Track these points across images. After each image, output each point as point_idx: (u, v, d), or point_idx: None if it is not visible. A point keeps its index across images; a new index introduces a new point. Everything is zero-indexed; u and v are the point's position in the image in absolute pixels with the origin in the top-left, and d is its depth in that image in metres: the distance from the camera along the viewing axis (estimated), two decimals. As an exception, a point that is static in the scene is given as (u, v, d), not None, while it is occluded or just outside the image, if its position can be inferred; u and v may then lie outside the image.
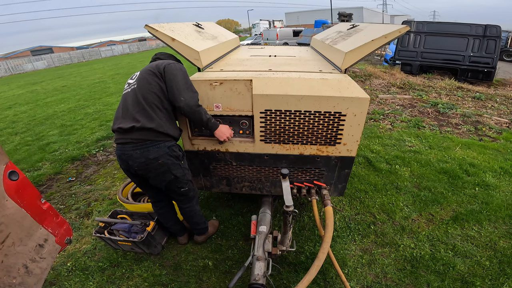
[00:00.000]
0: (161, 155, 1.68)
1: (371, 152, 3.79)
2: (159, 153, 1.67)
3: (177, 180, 1.81)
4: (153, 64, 1.74)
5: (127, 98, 1.71)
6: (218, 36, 2.91)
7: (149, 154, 1.65)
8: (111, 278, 2.05)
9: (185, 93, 1.63)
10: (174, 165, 1.75)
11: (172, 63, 1.73)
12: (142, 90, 1.66)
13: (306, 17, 49.06)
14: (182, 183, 1.85)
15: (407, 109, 5.70)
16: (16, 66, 24.56)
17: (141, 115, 1.63)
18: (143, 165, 1.68)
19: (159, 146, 1.67)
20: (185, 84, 1.67)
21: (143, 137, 1.63)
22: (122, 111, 1.70)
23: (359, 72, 8.84)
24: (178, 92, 1.63)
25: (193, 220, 2.13)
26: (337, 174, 2.02)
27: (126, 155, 1.68)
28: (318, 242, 2.29)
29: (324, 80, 1.75)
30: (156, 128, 1.63)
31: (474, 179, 3.10)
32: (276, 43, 18.87)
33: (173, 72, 1.67)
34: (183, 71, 1.71)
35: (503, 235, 2.33)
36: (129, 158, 1.68)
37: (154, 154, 1.66)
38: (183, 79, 1.67)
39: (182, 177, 1.83)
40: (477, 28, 7.91)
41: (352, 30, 2.51)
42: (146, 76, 1.69)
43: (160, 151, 1.67)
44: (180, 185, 1.85)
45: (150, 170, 1.71)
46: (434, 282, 1.92)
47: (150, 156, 1.66)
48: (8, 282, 1.23)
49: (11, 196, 1.22)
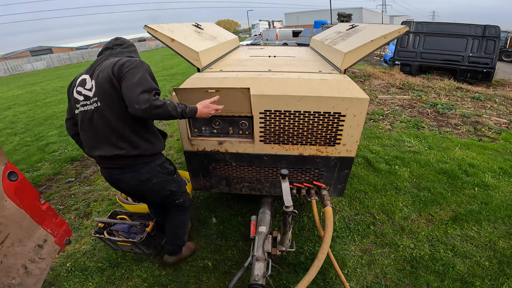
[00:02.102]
0: (154, 174, 1.59)
1: (370, 152, 3.79)
2: (152, 173, 1.58)
3: (173, 194, 1.79)
4: (113, 68, 1.38)
5: (94, 118, 1.43)
6: (217, 36, 2.91)
7: (141, 176, 1.56)
8: (110, 278, 2.04)
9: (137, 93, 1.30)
10: (168, 181, 1.71)
11: (129, 61, 1.41)
12: (113, 110, 1.40)
13: (306, 18, 49.13)
14: (177, 196, 1.83)
15: (407, 109, 5.71)
16: (16, 66, 24.51)
17: (123, 141, 1.44)
18: (136, 186, 1.60)
19: (150, 166, 1.57)
20: (139, 82, 1.33)
21: (131, 163, 1.51)
22: (94, 135, 1.46)
23: (359, 72, 8.85)
24: (129, 94, 1.32)
25: (176, 233, 2.00)
26: (337, 175, 2.02)
27: (115, 178, 1.58)
28: (317, 243, 2.29)
29: (324, 81, 1.75)
30: (143, 153, 1.50)
31: (474, 179, 3.11)
32: (275, 43, 18.88)
33: (127, 72, 1.36)
34: (138, 68, 1.38)
35: (503, 235, 2.33)
36: (119, 182, 1.58)
37: (147, 175, 1.57)
38: (138, 78, 1.35)
39: (178, 190, 1.81)
40: (476, 29, 7.93)
41: (352, 31, 2.51)
42: (109, 89, 1.37)
43: (152, 171, 1.58)
44: (175, 197, 1.83)
45: (145, 190, 1.65)
46: (434, 283, 1.92)
47: (143, 178, 1.57)
48: (7, 283, 1.23)
49: (10, 197, 1.22)
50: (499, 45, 7.89)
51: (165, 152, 4.04)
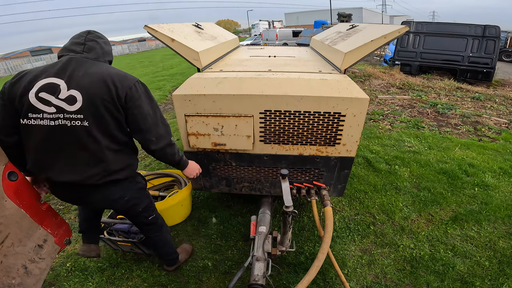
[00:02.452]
0: (126, 192, 1.46)
1: (370, 152, 3.79)
2: (124, 190, 1.45)
3: (145, 210, 1.64)
4: (106, 86, 1.20)
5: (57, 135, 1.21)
6: (217, 36, 2.91)
7: (112, 195, 1.42)
8: (110, 278, 2.04)
9: (156, 130, 1.32)
10: (141, 198, 1.58)
11: (135, 84, 1.27)
12: (98, 134, 1.23)
13: (306, 18, 49.13)
14: (150, 211, 1.68)
15: (407, 109, 5.71)
16: (16, 66, 24.51)
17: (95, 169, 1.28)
18: (106, 206, 1.53)
19: (122, 184, 1.42)
20: (155, 117, 1.32)
21: (103, 181, 1.32)
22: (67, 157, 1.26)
23: (359, 72, 8.85)
24: (146, 130, 1.30)
25: (164, 251, 1.91)
26: (337, 175, 2.02)
27: (82, 200, 1.44)
28: (317, 243, 2.29)
29: (324, 81, 1.75)
30: (118, 171, 1.36)
31: (474, 179, 3.11)
32: (275, 43, 18.87)
33: (138, 101, 1.27)
34: (149, 96, 1.33)
35: (503, 235, 2.33)
36: (85, 202, 1.47)
37: (119, 194, 1.44)
38: (152, 110, 1.31)
39: (150, 204, 1.67)
40: (476, 29, 7.93)
41: (352, 31, 2.51)
42: (101, 109, 1.20)
43: (124, 188, 1.44)
44: (148, 213, 1.67)
45: (116, 208, 1.57)
46: (434, 283, 1.92)
47: (114, 197, 1.43)
48: (7, 283, 1.23)
49: (10, 197, 1.22)
50: (499, 45, 7.90)
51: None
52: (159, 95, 7.77)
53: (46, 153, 1.25)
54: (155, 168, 3.57)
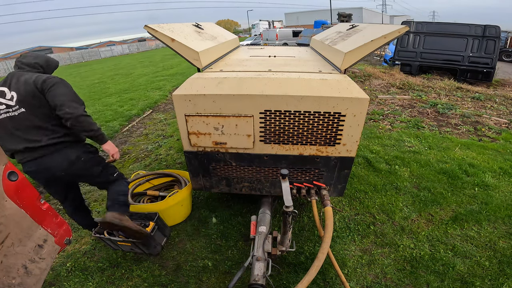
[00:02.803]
0: (81, 153, 1.76)
1: (370, 152, 3.79)
2: (77, 152, 1.74)
3: (106, 168, 1.91)
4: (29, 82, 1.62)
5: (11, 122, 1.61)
6: (217, 36, 2.91)
7: (69, 155, 1.70)
8: (110, 278, 2.04)
9: (69, 104, 1.61)
10: (96, 158, 1.86)
11: (49, 78, 1.66)
12: (36, 115, 1.62)
13: (306, 18, 49.14)
14: (111, 169, 1.96)
15: (407, 109, 5.71)
16: (16, 66, 24.52)
17: (44, 135, 1.63)
18: (67, 169, 1.71)
19: (73, 148, 1.74)
20: (68, 95, 1.64)
21: (54, 142, 1.66)
22: (16, 135, 1.62)
23: (359, 72, 8.85)
24: (61, 105, 1.59)
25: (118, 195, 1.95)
26: (337, 175, 2.02)
27: (44, 166, 1.67)
28: (317, 243, 2.29)
29: (324, 81, 1.75)
30: (63, 138, 1.68)
31: (474, 179, 3.11)
32: (275, 43, 18.87)
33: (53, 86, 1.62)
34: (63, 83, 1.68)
35: (503, 235, 2.33)
36: (49, 168, 1.68)
37: (74, 154, 1.72)
38: (65, 91, 1.65)
39: (109, 165, 1.94)
40: (476, 29, 7.93)
41: (352, 31, 2.51)
42: (31, 99, 1.61)
43: (77, 150, 1.75)
44: (111, 171, 1.95)
45: (77, 171, 1.77)
46: (434, 282, 1.92)
47: (71, 158, 1.71)
48: (7, 283, 1.23)
49: (10, 197, 1.22)
50: (499, 45, 7.89)
51: (165, 152, 4.04)
52: (159, 95, 7.77)
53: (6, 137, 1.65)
54: (155, 168, 3.57)
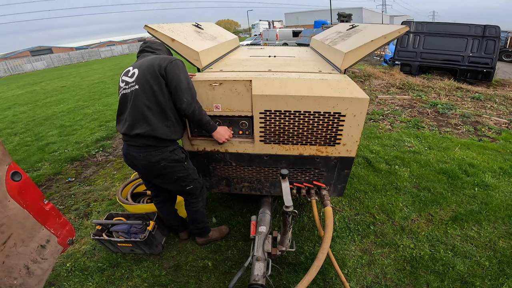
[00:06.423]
0: (163, 158, 1.73)
1: (370, 152, 3.79)
2: (162, 157, 1.72)
3: (181, 180, 1.86)
4: (154, 63, 1.63)
5: (128, 99, 1.66)
6: (217, 36, 2.91)
7: (151, 158, 1.71)
8: (110, 278, 2.04)
9: (187, 94, 1.61)
10: (177, 167, 1.80)
11: (174, 60, 1.66)
12: (146, 95, 1.62)
13: (306, 18, 49.14)
14: (186, 182, 1.90)
15: (407, 109, 5.71)
16: (16, 66, 24.51)
17: (146, 122, 1.63)
18: (146, 167, 1.76)
19: (161, 151, 1.72)
20: (187, 84, 1.64)
21: (147, 143, 1.68)
22: (126, 113, 1.68)
23: (359, 72, 8.85)
24: (181, 93, 1.61)
25: (194, 217, 2.12)
26: (337, 175, 2.02)
27: (130, 155, 1.75)
28: (317, 243, 2.29)
29: (324, 81, 1.75)
30: (160, 136, 1.66)
31: (474, 179, 3.11)
32: (275, 43, 18.87)
33: (176, 72, 1.62)
34: (184, 70, 1.68)
35: (503, 235, 2.33)
36: (134, 159, 1.75)
37: (156, 158, 1.72)
38: (185, 79, 1.64)
39: (186, 177, 1.87)
40: (476, 29, 7.92)
41: (352, 31, 2.51)
42: (149, 78, 1.61)
43: (162, 155, 1.72)
44: (184, 183, 1.90)
45: (153, 172, 1.80)
46: (434, 283, 1.92)
47: (152, 160, 1.72)
48: (9, 283, 1.23)
49: (13, 197, 1.22)
50: (499, 45, 7.89)
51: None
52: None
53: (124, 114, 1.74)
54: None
